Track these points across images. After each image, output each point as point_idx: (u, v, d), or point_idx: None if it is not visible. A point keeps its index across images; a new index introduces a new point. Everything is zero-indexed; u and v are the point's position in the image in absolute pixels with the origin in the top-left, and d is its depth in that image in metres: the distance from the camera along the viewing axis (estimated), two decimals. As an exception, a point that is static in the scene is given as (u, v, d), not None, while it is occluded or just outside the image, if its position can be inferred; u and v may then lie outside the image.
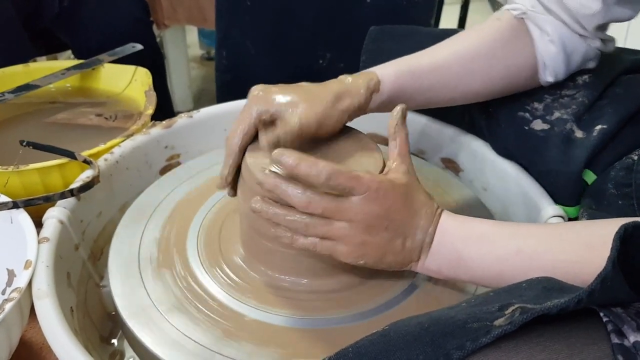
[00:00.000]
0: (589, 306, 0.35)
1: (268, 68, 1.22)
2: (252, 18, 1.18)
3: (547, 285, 0.39)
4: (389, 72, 0.64)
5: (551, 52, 0.66)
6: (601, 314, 0.35)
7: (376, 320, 0.56)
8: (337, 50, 1.19)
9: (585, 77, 0.69)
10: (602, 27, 0.65)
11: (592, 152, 0.65)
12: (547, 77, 0.68)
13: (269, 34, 1.20)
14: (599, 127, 0.65)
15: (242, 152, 0.59)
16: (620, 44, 0.71)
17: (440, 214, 0.54)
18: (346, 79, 0.62)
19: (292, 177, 0.51)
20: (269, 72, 1.22)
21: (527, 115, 0.70)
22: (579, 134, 0.66)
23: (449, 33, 0.77)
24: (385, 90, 0.63)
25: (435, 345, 0.35)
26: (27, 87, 0.97)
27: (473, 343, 0.34)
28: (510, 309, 0.35)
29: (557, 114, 0.68)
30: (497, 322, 0.34)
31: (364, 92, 0.61)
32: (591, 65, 0.69)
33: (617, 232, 0.34)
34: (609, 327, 0.34)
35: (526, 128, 0.70)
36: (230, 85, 1.26)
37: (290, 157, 0.50)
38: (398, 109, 0.57)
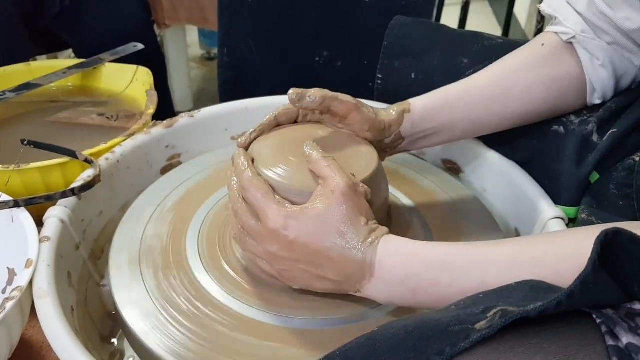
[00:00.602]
0: (573, 308, 0.35)
1: (269, 66, 1.22)
2: (253, 16, 1.18)
3: (535, 285, 0.38)
4: (421, 96, 0.66)
5: (602, 77, 0.65)
6: (594, 316, 0.35)
7: (375, 321, 0.56)
8: (335, 48, 1.20)
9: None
10: None
11: (601, 156, 0.64)
12: (595, 100, 0.67)
13: (271, 32, 1.20)
14: (610, 131, 0.65)
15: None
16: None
17: (377, 243, 0.49)
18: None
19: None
20: (270, 70, 1.22)
21: (561, 129, 0.69)
22: (595, 137, 0.66)
23: (467, 34, 0.78)
24: (417, 110, 0.64)
25: (418, 351, 0.35)
26: (28, 86, 0.97)
27: (452, 348, 0.34)
28: (492, 312, 0.35)
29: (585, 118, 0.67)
30: (478, 326, 0.34)
31: (395, 111, 0.64)
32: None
33: (597, 237, 0.34)
34: (603, 328, 0.34)
35: (556, 142, 0.68)
36: (232, 82, 1.26)
37: (241, 159, 0.55)
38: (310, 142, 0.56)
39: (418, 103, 0.65)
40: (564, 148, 0.67)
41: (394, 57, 0.84)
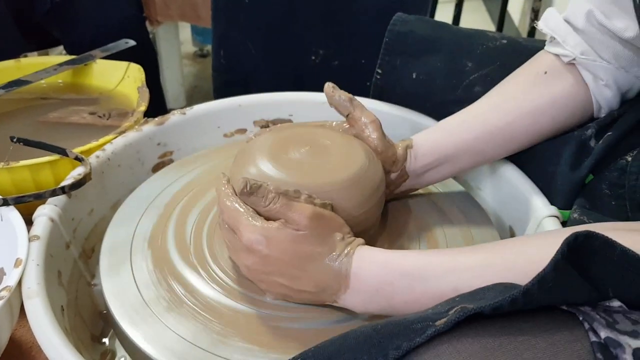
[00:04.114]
0: (532, 306, 0.36)
1: (267, 67, 1.21)
2: (250, 17, 1.17)
3: (508, 286, 0.40)
4: (422, 132, 0.68)
5: (607, 96, 0.65)
6: (575, 313, 0.36)
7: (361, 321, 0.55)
8: (331, 47, 1.19)
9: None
10: None
11: (596, 160, 0.65)
12: (602, 114, 0.68)
13: (268, 33, 1.19)
14: (605, 135, 0.65)
15: None
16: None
17: (352, 254, 0.50)
18: None
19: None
20: (268, 71, 1.21)
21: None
22: (592, 142, 0.66)
23: (471, 34, 0.78)
24: (419, 143, 0.66)
25: (380, 347, 0.36)
26: (18, 83, 0.96)
27: (409, 343, 0.35)
28: (454, 309, 0.36)
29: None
30: (438, 322, 0.36)
31: (401, 147, 0.65)
32: None
33: (566, 238, 0.34)
34: (586, 325, 0.35)
35: (555, 145, 0.69)
36: (228, 85, 1.25)
37: (223, 186, 0.55)
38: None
39: (419, 137, 0.67)
40: (561, 151, 0.67)
41: (395, 54, 0.83)
